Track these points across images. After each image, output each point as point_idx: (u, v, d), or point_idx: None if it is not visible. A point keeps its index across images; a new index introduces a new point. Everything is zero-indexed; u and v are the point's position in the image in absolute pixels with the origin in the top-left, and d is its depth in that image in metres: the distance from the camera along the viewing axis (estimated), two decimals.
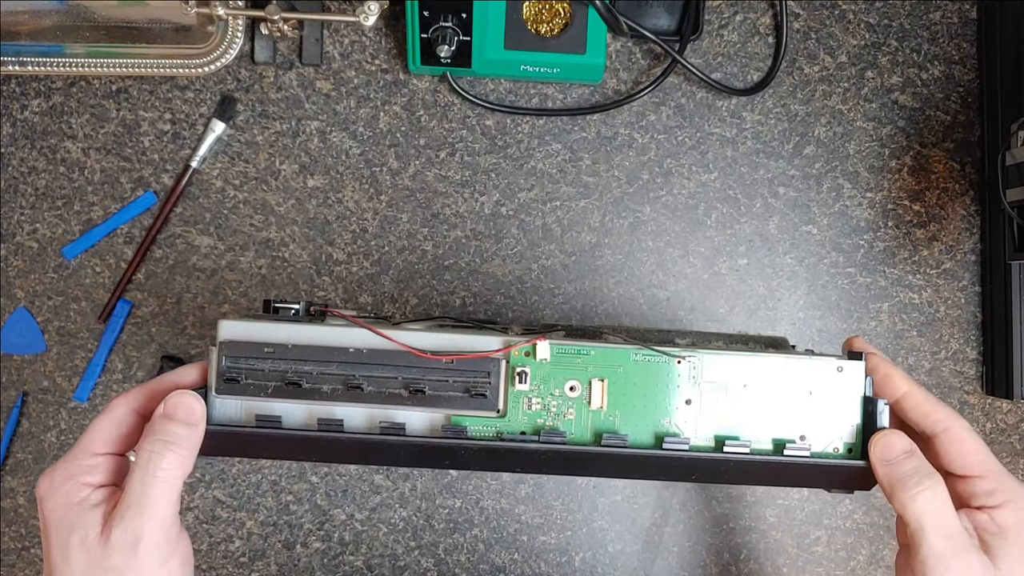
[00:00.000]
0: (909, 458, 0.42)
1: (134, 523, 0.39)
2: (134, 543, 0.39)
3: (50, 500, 0.41)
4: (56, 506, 0.41)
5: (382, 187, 0.68)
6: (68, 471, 0.41)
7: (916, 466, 0.42)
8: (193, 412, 0.42)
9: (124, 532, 0.39)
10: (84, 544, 0.40)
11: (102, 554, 0.39)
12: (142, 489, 0.40)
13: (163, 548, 0.40)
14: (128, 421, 0.43)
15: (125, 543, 0.39)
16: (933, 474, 0.41)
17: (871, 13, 0.69)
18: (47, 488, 0.41)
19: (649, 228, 0.69)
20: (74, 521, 0.40)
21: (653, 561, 0.69)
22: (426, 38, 0.62)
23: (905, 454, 0.42)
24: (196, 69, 0.65)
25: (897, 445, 0.42)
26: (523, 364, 0.44)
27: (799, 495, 0.69)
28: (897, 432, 0.43)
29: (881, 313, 0.69)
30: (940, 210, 0.70)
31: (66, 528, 0.40)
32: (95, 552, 0.39)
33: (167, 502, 0.40)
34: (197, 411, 0.42)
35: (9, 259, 0.68)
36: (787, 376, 0.44)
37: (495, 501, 0.69)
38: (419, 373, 0.43)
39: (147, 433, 0.42)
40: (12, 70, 0.64)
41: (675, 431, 0.44)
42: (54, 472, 0.42)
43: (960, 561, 0.40)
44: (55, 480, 0.41)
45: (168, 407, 0.42)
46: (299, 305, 0.47)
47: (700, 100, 0.69)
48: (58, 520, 0.41)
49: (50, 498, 0.41)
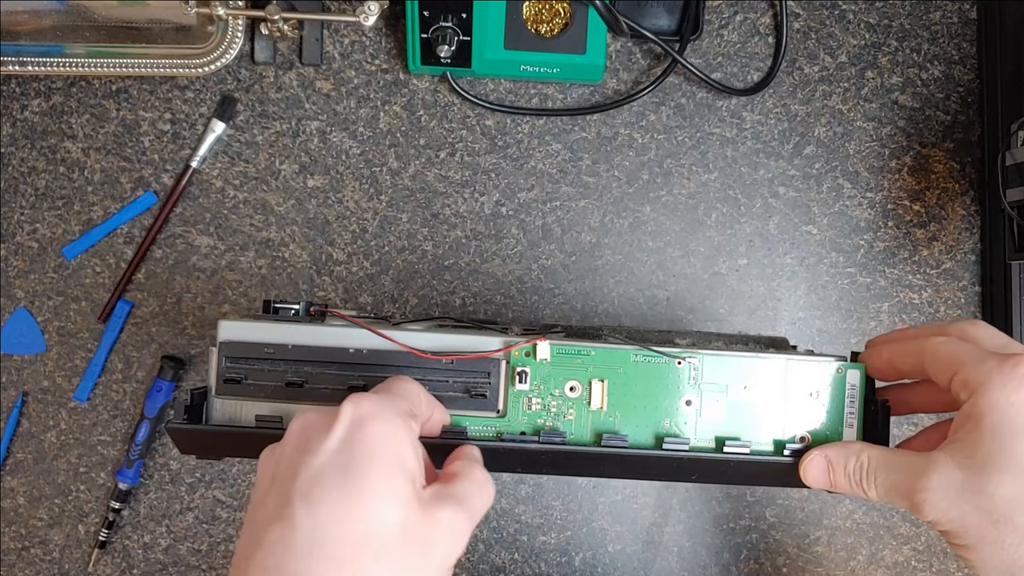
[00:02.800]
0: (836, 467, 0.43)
1: (464, 515, 0.36)
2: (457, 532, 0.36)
3: (387, 424, 0.35)
4: (394, 433, 0.35)
5: (382, 187, 0.68)
6: (404, 408, 0.37)
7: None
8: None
9: (455, 515, 0.36)
10: (411, 500, 0.35)
11: (423, 519, 0.35)
12: (470, 495, 0.38)
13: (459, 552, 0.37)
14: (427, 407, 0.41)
15: (451, 526, 0.36)
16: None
17: (871, 13, 0.69)
18: (379, 409, 0.36)
19: (649, 228, 0.69)
20: (410, 466, 0.35)
21: (653, 561, 0.69)
22: (426, 38, 0.62)
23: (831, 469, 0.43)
24: (196, 69, 0.65)
25: (817, 469, 0.43)
26: (523, 364, 0.44)
27: (799, 495, 0.69)
28: (815, 456, 0.43)
29: (881, 313, 0.69)
30: (940, 210, 0.70)
31: (401, 470, 0.35)
32: (419, 515, 0.35)
33: (479, 519, 0.38)
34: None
35: (9, 259, 0.68)
36: (788, 377, 0.44)
37: (495, 501, 0.69)
38: (419, 373, 0.43)
39: (475, 459, 0.40)
40: (12, 70, 0.64)
41: (675, 431, 0.44)
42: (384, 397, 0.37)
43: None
44: (395, 407, 0.37)
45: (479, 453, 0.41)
46: (299, 305, 0.47)
47: (700, 100, 0.69)
48: (395, 451, 0.35)
49: (387, 421, 0.36)
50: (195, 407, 0.44)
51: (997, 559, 0.38)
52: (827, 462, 0.43)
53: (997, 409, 0.39)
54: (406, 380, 0.40)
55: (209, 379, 0.44)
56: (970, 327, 0.44)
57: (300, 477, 0.34)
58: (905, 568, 0.70)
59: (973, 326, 0.44)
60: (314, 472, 0.34)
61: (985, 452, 0.38)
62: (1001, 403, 0.39)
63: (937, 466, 0.39)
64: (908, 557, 0.70)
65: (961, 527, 0.39)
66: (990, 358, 0.40)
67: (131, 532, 0.68)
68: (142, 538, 0.68)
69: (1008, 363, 0.39)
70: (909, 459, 0.41)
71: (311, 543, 0.33)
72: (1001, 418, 0.38)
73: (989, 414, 0.39)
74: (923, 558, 0.70)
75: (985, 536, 0.38)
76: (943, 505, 0.39)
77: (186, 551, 0.68)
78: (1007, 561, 0.38)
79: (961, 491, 0.38)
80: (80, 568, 0.68)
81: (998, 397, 0.39)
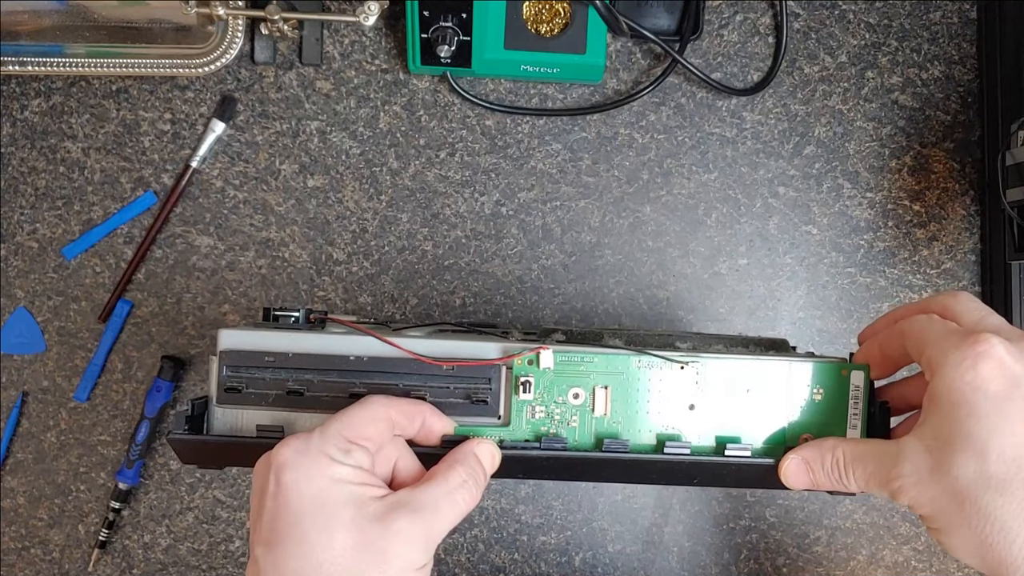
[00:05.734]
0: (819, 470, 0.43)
1: (422, 525, 0.38)
2: (414, 541, 0.38)
3: (301, 469, 0.38)
4: (311, 475, 0.38)
5: (382, 187, 0.68)
6: (323, 447, 0.39)
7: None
8: (495, 466, 0.43)
9: (411, 525, 0.38)
10: (354, 522, 0.37)
11: (377, 532, 0.37)
12: (434, 502, 0.39)
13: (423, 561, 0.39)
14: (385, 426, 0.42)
15: (407, 536, 0.38)
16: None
17: (871, 13, 0.69)
18: (293, 456, 0.38)
19: (649, 228, 0.69)
20: (339, 496, 0.38)
21: (653, 561, 0.69)
22: (426, 38, 0.62)
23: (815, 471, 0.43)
24: (196, 69, 0.65)
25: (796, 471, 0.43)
26: (527, 373, 0.43)
27: (799, 495, 0.69)
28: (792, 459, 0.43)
29: (881, 313, 0.69)
30: (940, 210, 0.70)
31: (329, 502, 0.37)
32: (368, 532, 0.37)
33: (448, 525, 0.40)
34: (497, 466, 0.43)
35: (9, 259, 0.68)
36: (790, 379, 0.44)
37: (495, 501, 0.69)
38: (420, 380, 0.43)
39: (460, 461, 0.41)
40: (12, 70, 0.64)
41: (677, 435, 0.44)
42: (301, 441, 0.39)
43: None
44: (309, 450, 0.38)
45: (482, 450, 0.42)
46: (299, 313, 0.47)
47: (700, 100, 0.69)
48: (315, 492, 0.37)
49: (300, 466, 0.38)
50: (196, 417, 0.43)
51: (966, 539, 0.38)
52: (805, 463, 0.43)
53: (954, 388, 0.38)
54: (363, 407, 0.41)
55: (210, 389, 0.44)
56: (949, 300, 0.43)
57: (259, 521, 0.38)
58: (905, 568, 0.70)
59: (952, 298, 0.43)
60: (266, 518, 0.38)
61: (946, 433, 0.38)
62: (957, 382, 0.38)
63: (907, 451, 0.39)
64: (908, 557, 0.70)
65: (932, 511, 0.38)
66: (951, 336, 0.40)
67: (131, 532, 0.68)
68: (142, 538, 0.68)
69: (966, 341, 0.38)
70: (882, 448, 0.41)
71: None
72: (957, 397, 0.38)
73: (946, 394, 0.38)
74: (923, 558, 0.70)
75: (953, 518, 0.38)
76: (915, 490, 0.39)
77: (186, 551, 0.68)
78: (975, 541, 0.37)
79: (930, 474, 0.38)
80: (80, 568, 0.68)
81: (954, 376, 0.38)
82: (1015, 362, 0.38)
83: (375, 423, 0.41)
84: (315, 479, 0.38)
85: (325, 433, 0.39)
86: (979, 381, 0.38)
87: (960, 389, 0.38)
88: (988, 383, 0.37)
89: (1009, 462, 0.37)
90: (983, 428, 0.37)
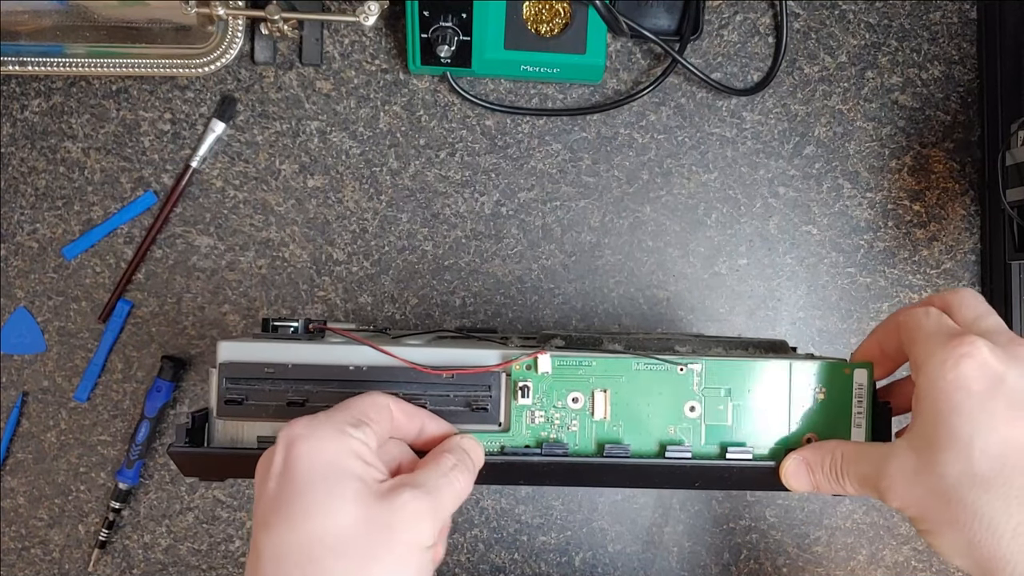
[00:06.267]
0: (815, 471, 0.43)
1: (426, 500, 0.38)
2: (421, 516, 0.37)
3: (316, 440, 0.38)
4: (325, 445, 0.37)
5: (382, 187, 0.68)
6: (333, 421, 0.39)
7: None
8: (481, 459, 0.43)
9: (416, 500, 0.37)
10: (360, 496, 0.37)
11: (382, 507, 0.37)
12: (433, 481, 0.39)
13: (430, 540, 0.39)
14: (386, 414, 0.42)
15: (413, 510, 0.37)
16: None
17: (871, 13, 0.69)
18: (306, 427, 0.38)
19: (649, 228, 0.69)
20: (349, 467, 0.37)
21: (653, 561, 0.69)
22: (426, 38, 0.62)
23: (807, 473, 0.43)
24: (196, 69, 0.65)
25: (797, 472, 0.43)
26: (525, 378, 0.43)
27: (799, 495, 0.70)
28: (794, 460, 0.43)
29: (881, 313, 0.69)
30: (940, 210, 0.70)
31: (339, 471, 0.37)
32: (374, 507, 0.37)
33: (449, 505, 0.40)
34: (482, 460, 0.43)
35: (9, 259, 0.68)
36: (792, 380, 0.44)
37: (495, 501, 0.69)
38: (420, 388, 0.43)
39: (448, 449, 0.41)
40: (12, 70, 0.64)
41: (678, 439, 0.44)
42: (312, 417, 0.39)
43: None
44: (321, 423, 0.38)
45: (467, 442, 0.42)
46: (298, 323, 0.47)
47: (700, 100, 0.69)
48: (326, 460, 0.37)
49: (316, 437, 0.38)
50: (196, 430, 0.43)
51: (955, 539, 0.38)
52: (805, 464, 0.43)
53: (936, 387, 0.38)
54: (366, 395, 0.41)
55: (210, 401, 0.44)
56: (952, 296, 0.43)
57: (258, 506, 0.38)
58: (905, 568, 0.70)
59: (955, 295, 0.43)
60: (266, 500, 0.37)
61: (930, 432, 0.38)
62: (939, 381, 0.38)
63: (896, 452, 0.39)
64: (908, 557, 0.70)
65: (919, 511, 0.38)
66: (939, 335, 0.39)
67: (131, 532, 0.68)
68: (142, 538, 0.68)
69: (951, 343, 0.38)
70: (874, 449, 0.41)
71: (276, 560, 0.36)
72: (940, 396, 0.38)
73: (930, 393, 0.38)
74: (923, 558, 0.70)
75: (941, 518, 0.38)
76: (902, 491, 0.39)
77: (186, 551, 0.69)
78: (963, 541, 0.37)
79: (916, 475, 0.38)
80: (80, 568, 0.68)
81: (936, 376, 0.38)
82: (998, 362, 0.38)
83: (377, 408, 0.41)
84: (326, 449, 0.37)
85: (333, 411, 0.39)
86: (961, 380, 0.38)
87: (943, 388, 0.38)
88: (971, 382, 0.37)
89: (993, 459, 0.36)
90: (966, 426, 0.37)
